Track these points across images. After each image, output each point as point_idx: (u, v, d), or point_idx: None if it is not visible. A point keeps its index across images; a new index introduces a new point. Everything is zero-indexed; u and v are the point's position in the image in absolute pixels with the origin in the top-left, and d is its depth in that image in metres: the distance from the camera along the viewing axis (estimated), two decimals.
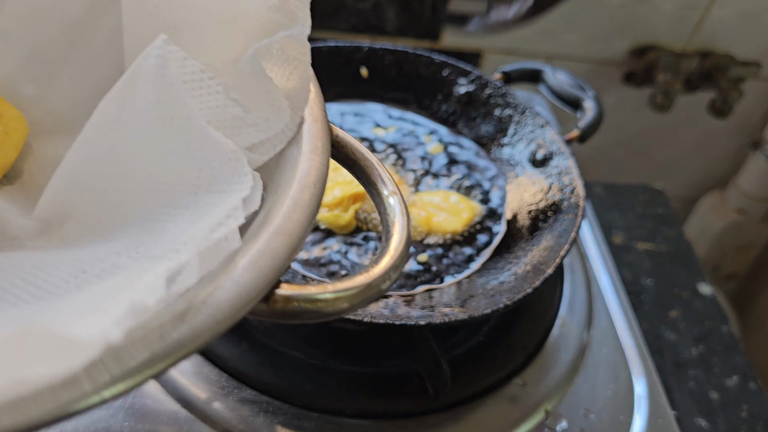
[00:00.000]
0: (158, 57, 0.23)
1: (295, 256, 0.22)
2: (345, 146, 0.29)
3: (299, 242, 0.23)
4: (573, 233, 0.49)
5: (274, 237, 0.22)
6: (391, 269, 0.24)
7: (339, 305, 0.23)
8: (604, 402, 0.50)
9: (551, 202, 0.55)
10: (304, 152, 0.26)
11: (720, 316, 0.70)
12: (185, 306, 0.19)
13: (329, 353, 0.47)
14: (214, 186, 0.24)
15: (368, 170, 0.29)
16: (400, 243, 0.26)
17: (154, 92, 0.23)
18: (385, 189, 0.28)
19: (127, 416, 0.42)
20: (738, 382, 0.63)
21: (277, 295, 0.22)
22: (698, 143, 1.04)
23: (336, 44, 0.61)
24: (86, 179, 0.25)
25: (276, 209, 0.23)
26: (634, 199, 0.84)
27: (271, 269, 0.21)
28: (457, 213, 0.57)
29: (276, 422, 0.43)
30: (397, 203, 0.27)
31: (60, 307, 0.20)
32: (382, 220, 0.27)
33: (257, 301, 0.21)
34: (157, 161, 0.24)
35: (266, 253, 0.21)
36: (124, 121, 0.24)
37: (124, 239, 0.23)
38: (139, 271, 0.20)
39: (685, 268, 0.75)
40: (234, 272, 0.20)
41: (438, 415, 0.45)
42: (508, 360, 0.49)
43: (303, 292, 0.22)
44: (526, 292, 0.44)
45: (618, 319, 0.57)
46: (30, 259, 0.24)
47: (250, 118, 0.25)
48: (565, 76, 0.64)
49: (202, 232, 0.21)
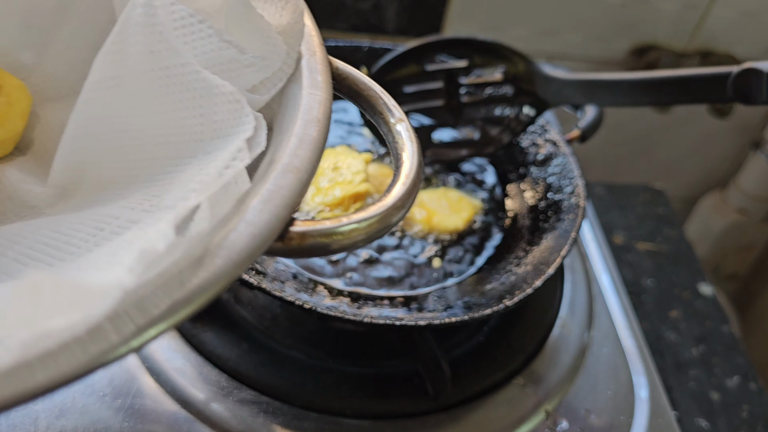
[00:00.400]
0: (145, 5, 0.23)
1: (305, 191, 0.22)
2: (346, 78, 0.29)
3: (309, 178, 0.22)
4: (573, 233, 0.49)
5: (282, 175, 0.22)
6: (404, 196, 0.24)
7: (355, 236, 0.23)
8: (604, 402, 0.49)
9: (552, 202, 0.55)
10: (305, 87, 0.25)
11: (720, 317, 0.70)
12: (201, 251, 0.19)
13: (329, 353, 0.47)
14: (218, 131, 0.23)
15: (373, 100, 0.28)
16: (411, 169, 0.25)
17: (145, 43, 0.23)
18: (392, 117, 0.28)
19: (127, 416, 0.42)
20: (738, 383, 0.63)
21: (292, 232, 0.22)
22: (699, 143, 1.04)
23: (336, 44, 0.61)
24: (92, 140, 0.25)
25: (282, 147, 0.23)
26: (634, 199, 0.84)
27: (283, 207, 0.21)
28: (458, 211, 0.57)
29: (276, 423, 0.43)
30: (405, 130, 0.27)
31: (79, 264, 0.20)
32: (391, 149, 0.27)
33: (272, 240, 0.21)
34: (158, 113, 0.24)
35: (277, 192, 0.21)
36: (119, 76, 0.24)
37: (137, 193, 0.23)
38: (152, 221, 0.21)
39: (686, 268, 0.75)
40: (247, 213, 0.20)
41: (438, 416, 0.45)
42: (508, 360, 0.49)
43: (318, 227, 0.22)
44: (527, 292, 0.44)
45: (618, 320, 0.57)
46: (48, 224, 0.24)
47: (245, 59, 0.25)
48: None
49: (209, 176, 0.21)
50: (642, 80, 0.44)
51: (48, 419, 0.41)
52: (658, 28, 0.88)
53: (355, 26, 0.82)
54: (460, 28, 0.84)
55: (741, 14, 0.87)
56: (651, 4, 0.85)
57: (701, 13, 0.87)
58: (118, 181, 0.25)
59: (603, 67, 0.92)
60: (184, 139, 0.24)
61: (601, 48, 0.89)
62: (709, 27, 0.88)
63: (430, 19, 0.83)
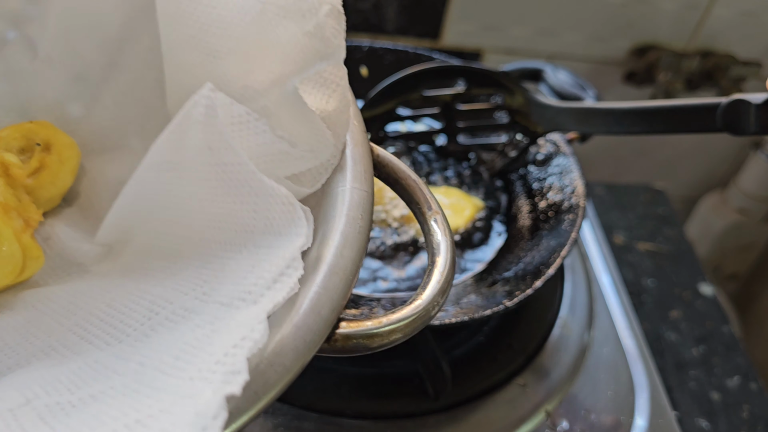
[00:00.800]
0: (207, 106, 0.24)
1: (350, 293, 0.23)
2: (386, 165, 0.30)
3: (353, 278, 0.23)
4: (574, 233, 0.49)
5: (329, 277, 0.22)
6: (438, 294, 0.25)
7: (393, 337, 0.24)
8: (605, 403, 0.49)
9: (552, 202, 0.55)
10: (349, 180, 0.26)
11: (721, 317, 0.70)
12: (257, 360, 0.20)
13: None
14: (270, 227, 0.24)
15: (411, 190, 0.29)
16: (445, 267, 0.26)
17: (204, 139, 0.24)
18: (428, 209, 0.28)
19: None
20: (739, 383, 0.63)
21: (338, 334, 0.23)
22: (699, 143, 1.04)
23: None
24: (145, 212, 0.26)
25: (327, 245, 0.24)
26: (635, 199, 0.84)
27: (330, 310, 0.22)
28: (459, 210, 0.57)
29: (276, 423, 0.43)
30: (441, 224, 0.28)
31: (144, 358, 0.21)
32: (426, 242, 0.28)
33: (321, 343, 0.22)
34: (212, 202, 0.25)
35: (324, 294, 0.22)
36: (177, 162, 0.25)
37: (187, 276, 0.24)
38: (210, 318, 0.22)
39: (686, 268, 0.75)
40: (296, 317, 0.21)
41: (438, 416, 0.45)
42: (508, 361, 0.49)
43: (361, 329, 0.23)
44: (527, 293, 0.44)
45: (619, 320, 0.57)
46: (102, 295, 0.25)
47: (296, 152, 0.26)
48: (566, 75, 0.64)
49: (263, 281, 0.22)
50: (634, 109, 0.45)
51: None
52: (659, 28, 0.88)
53: (355, 25, 0.82)
54: (460, 28, 0.84)
55: (742, 14, 0.87)
56: (651, 4, 0.85)
57: (702, 13, 0.86)
58: (167, 254, 0.26)
59: (603, 67, 0.91)
60: (236, 228, 0.25)
61: (601, 48, 0.89)
62: (709, 27, 0.88)
63: (430, 18, 0.83)
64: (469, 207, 0.57)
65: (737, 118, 0.38)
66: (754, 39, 0.90)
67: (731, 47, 0.90)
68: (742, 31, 0.89)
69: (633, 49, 0.90)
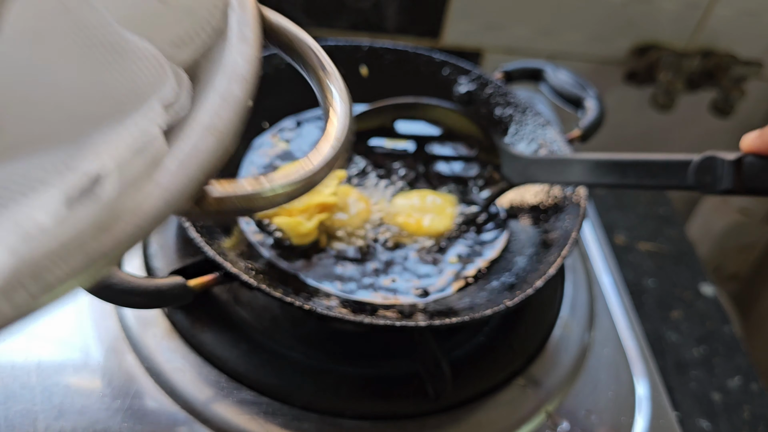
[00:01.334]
0: None
1: (226, 155, 0.22)
2: (278, 31, 0.28)
3: (231, 140, 0.21)
4: (574, 233, 0.49)
5: (202, 137, 0.21)
6: (332, 159, 0.23)
7: (278, 200, 0.22)
8: (605, 403, 0.49)
9: (553, 202, 0.55)
10: (232, 42, 0.24)
11: (722, 317, 0.69)
12: (108, 216, 0.18)
13: (329, 354, 0.47)
14: (138, 92, 0.22)
15: (306, 54, 0.27)
16: (340, 130, 0.25)
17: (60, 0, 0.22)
18: (324, 73, 0.27)
19: (126, 417, 0.42)
20: (740, 383, 0.62)
21: (210, 197, 0.21)
22: (700, 143, 1.03)
23: (336, 43, 0.61)
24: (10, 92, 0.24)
25: (204, 107, 0.22)
26: (636, 199, 0.84)
27: (200, 172, 0.20)
28: (441, 210, 0.56)
29: (275, 423, 0.43)
30: (338, 87, 0.26)
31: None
32: (322, 106, 0.26)
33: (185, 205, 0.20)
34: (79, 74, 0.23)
35: (195, 155, 0.20)
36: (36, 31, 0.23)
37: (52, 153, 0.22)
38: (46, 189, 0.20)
39: (687, 268, 0.75)
40: (161, 177, 0.19)
41: (438, 417, 0.45)
42: (509, 361, 0.49)
43: (237, 193, 0.22)
44: (528, 292, 0.44)
45: (619, 320, 0.57)
46: None
47: (169, 12, 0.24)
48: (567, 75, 0.63)
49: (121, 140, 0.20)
50: (606, 161, 0.45)
51: (47, 420, 0.41)
52: (659, 28, 0.88)
53: (355, 25, 0.82)
54: (460, 27, 0.84)
55: (742, 13, 0.87)
56: (652, 4, 0.85)
57: (702, 13, 0.86)
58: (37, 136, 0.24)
59: (604, 67, 0.91)
60: (106, 101, 0.23)
61: (601, 47, 0.89)
62: (710, 26, 0.88)
63: (430, 18, 0.83)
64: (448, 203, 0.57)
65: (709, 174, 0.38)
66: (755, 38, 0.90)
67: (732, 47, 0.90)
68: (743, 31, 0.89)
69: (633, 49, 0.90)
